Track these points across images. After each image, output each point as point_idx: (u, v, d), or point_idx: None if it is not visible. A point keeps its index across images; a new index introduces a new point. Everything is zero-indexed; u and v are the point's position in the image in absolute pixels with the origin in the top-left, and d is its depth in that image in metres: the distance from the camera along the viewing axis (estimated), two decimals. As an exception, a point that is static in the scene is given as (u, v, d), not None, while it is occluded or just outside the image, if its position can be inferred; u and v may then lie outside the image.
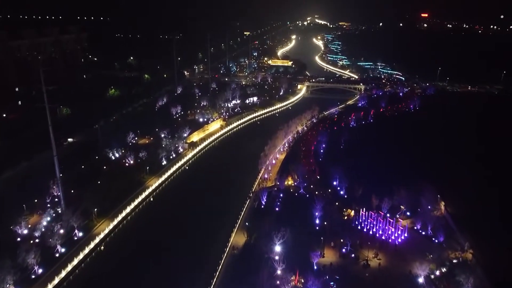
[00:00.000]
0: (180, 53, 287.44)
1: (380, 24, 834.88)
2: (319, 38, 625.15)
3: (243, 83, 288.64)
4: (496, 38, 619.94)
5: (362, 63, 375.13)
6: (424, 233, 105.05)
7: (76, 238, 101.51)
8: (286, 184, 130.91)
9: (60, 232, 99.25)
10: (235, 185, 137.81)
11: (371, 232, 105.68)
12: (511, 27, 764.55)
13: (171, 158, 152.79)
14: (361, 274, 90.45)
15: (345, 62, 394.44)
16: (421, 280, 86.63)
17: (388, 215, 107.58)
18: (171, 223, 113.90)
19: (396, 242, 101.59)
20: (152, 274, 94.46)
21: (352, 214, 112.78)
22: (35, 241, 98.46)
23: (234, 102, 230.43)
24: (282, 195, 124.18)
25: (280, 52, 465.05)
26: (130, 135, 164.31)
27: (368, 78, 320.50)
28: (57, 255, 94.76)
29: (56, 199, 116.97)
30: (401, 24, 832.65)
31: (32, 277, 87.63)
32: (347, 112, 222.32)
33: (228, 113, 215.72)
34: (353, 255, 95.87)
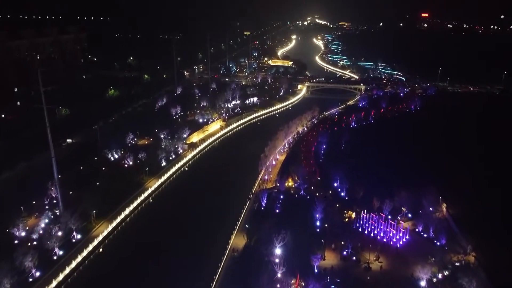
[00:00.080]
0: (180, 53, 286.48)
1: (381, 24, 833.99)
2: (319, 38, 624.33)
3: (243, 83, 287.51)
4: (496, 38, 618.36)
5: (362, 63, 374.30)
6: (426, 235, 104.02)
7: (74, 241, 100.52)
8: (286, 185, 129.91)
9: (58, 234, 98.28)
10: (235, 186, 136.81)
11: (372, 235, 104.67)
12: (511, 27, 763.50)
13: (170, 159, 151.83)
14: (362, 278, 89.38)
15: (345, 62, 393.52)
16: (423, 284, 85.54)
17: (390, 217, 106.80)
18: (170, 225, 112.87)
19: (397, 245, 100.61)
20: (151, 277, 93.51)
21: (353, 216, 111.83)
22: (33, 243, 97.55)
23: (234, 102, 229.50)
24: (282, 197, 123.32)
25: (280, 52, 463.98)
26: (129, 135, 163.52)
27: (369, 79, 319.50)
28: (55, 258, 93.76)
29: (54, 201, 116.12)
30: (401, 24, 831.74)
31: (30, 280, 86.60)
32: (348, 112, 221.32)
33: (228, 113, 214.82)
34: (354, 258, 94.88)
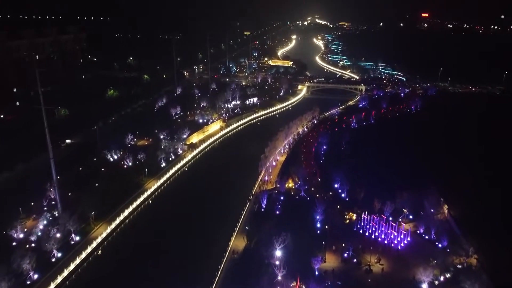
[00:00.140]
0: (180, 53, 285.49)
1: (381, 24, 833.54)
2: (319, 38, 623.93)
3: (243, 83, 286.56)
4: (496, 38, 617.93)
5: (362, 64, 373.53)
6: (427, 237, 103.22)
7: (72, 243, 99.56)
8: (286, 186, 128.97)
9: (56, 236, 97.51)
10: (235, 187, 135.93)
11: (373, 236, 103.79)
12: (511, 27, 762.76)
13: (170, 160, 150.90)
14: (363, 280, 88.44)
15: (345, 62, 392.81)
16: (425, 287, 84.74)
17: (391, 219, 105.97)
18: (169, 226, 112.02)
19: (398, 247, 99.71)
20: (150, 279, 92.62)
21: (354, 218, 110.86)
22: (31, 245, 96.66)
23: (234, 102, 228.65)
24: (282, 198, 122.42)
25: (280, 52, 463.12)
26: (129, 136, 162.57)
27: (369, 79, 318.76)
28: (53, 260, 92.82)
29: (53, 202, 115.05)
30: (401, 24, 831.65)
31: (28, 282, 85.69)
32: (348, 113, 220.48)
33: (228, 114, 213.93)
34: (355, 260, 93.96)
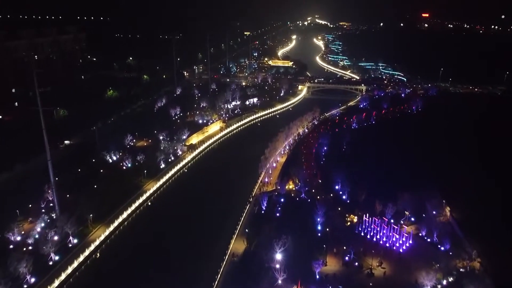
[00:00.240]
0: (179, 53, 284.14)
1: (381, 24, 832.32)
2: (319, 38, 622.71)
3: (243, 83, 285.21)
4: (497, 38, 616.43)
5: (363, 64, 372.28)
6: (429, 240, 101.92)
7: (70, 245, 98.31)
8: (287, 188, 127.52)
9: (54, 239, 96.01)
10: (235, 188, 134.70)
11: (374, 239, 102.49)
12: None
13: (169, 161, 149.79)
14: (365, 284, 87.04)
15: (346, 62, 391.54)
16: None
17: (392, 221, 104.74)
18: (169, 228, 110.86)
19: (400, 250, 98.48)
20: (149, 282, 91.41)
21: (355, 220, 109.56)
22: (28, 248, 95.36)
23: (234, 103, 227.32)
24: (283, 200, 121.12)
25: (280, 52, 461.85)
26: (128, 137, 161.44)
27: (370, 79, 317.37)
28: (50, 263, 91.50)
29: (51, 204, 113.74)
30: (401, 24, 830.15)
31: (25, 286, 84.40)
32: (349, 113, 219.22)
33: (228, 114, 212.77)
34: (356, 264, 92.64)
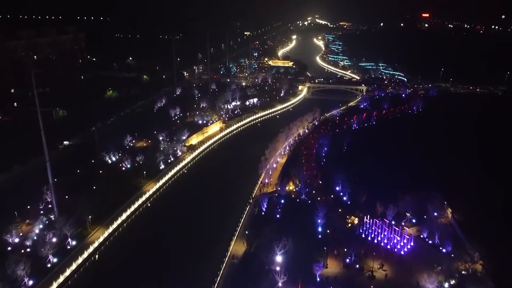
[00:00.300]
0: (179, 53, 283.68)
1: (381, 24, 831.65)
2: (319, 38, 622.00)
3: (243, 84, 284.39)
4: (497, 38, 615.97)
5: (363, 64, 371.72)
6: (431, 242, 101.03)
7: (69, 247, 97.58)
8: (287, 189, 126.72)
9: (52, 240, 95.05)
10: (235, 189, 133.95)
11: (375, 241, 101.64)
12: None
13: (169, 161, 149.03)
14: (366, 286, 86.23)
15: (346, 62, 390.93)
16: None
17: (393, 223, 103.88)
18: (168, 230, 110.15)
19: (402, 252, 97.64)
20: (149, 285, 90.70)
21: (356, 222, 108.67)
22: (26, 250, 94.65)
23: (234, 103, 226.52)
24: (283, 201, 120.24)
25: (280, 53, 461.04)
26: (127, 137, 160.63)
27: (370, 79, 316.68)
28: (48, 266, 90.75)
29: (49, 205, 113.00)
30: (402, 24, 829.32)
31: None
32: (349, 114, 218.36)
33: (228, 115, 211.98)
34: (357, 266, 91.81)
